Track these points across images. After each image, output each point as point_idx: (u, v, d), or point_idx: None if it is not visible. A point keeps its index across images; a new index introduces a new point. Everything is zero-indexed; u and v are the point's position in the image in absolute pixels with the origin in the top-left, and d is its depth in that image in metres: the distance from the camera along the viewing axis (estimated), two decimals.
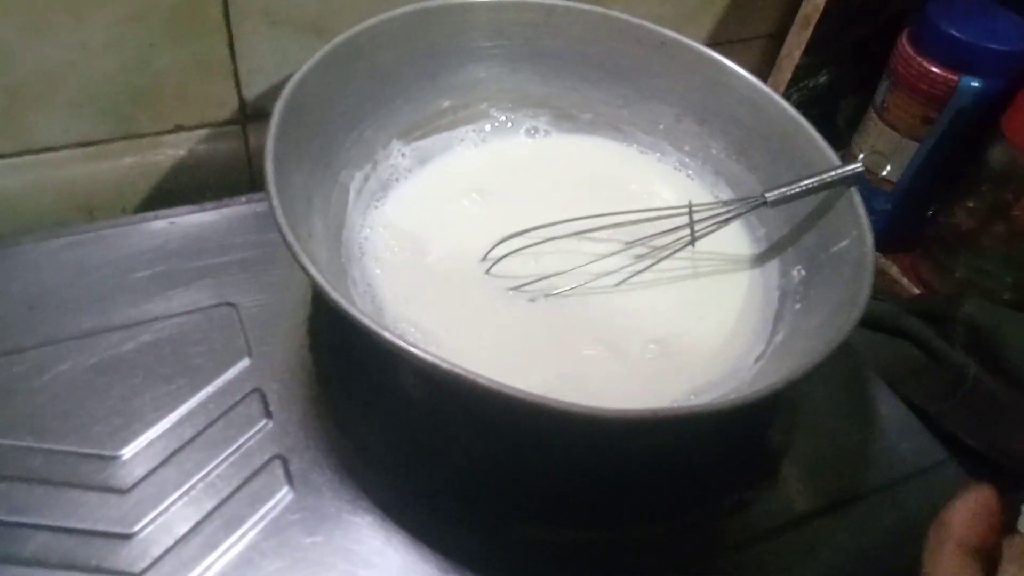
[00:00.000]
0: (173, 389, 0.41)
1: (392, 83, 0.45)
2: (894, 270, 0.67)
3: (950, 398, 0.54)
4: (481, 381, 0.29)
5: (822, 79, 0.69)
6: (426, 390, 0.40)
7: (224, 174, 0.52)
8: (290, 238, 0.32)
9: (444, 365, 0.29)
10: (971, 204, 0.64)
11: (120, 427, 0.39)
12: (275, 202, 0.33)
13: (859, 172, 0.40)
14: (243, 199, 0.50)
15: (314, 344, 0.44)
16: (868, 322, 0.57)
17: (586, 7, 0.48)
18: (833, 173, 0.41)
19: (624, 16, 0.48)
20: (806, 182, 0.41)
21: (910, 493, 0.42)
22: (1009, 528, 0.28)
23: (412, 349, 0.30)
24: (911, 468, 0.43)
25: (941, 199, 0.67)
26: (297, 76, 0.39)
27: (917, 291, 0.67)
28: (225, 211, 0.50)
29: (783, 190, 0.41)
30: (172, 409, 0.40)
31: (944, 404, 0.54)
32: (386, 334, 0.30)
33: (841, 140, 0.75)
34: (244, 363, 0.42)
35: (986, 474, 0.49)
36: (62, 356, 0.41)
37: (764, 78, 0.68)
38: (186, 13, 0.43)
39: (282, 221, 0.33)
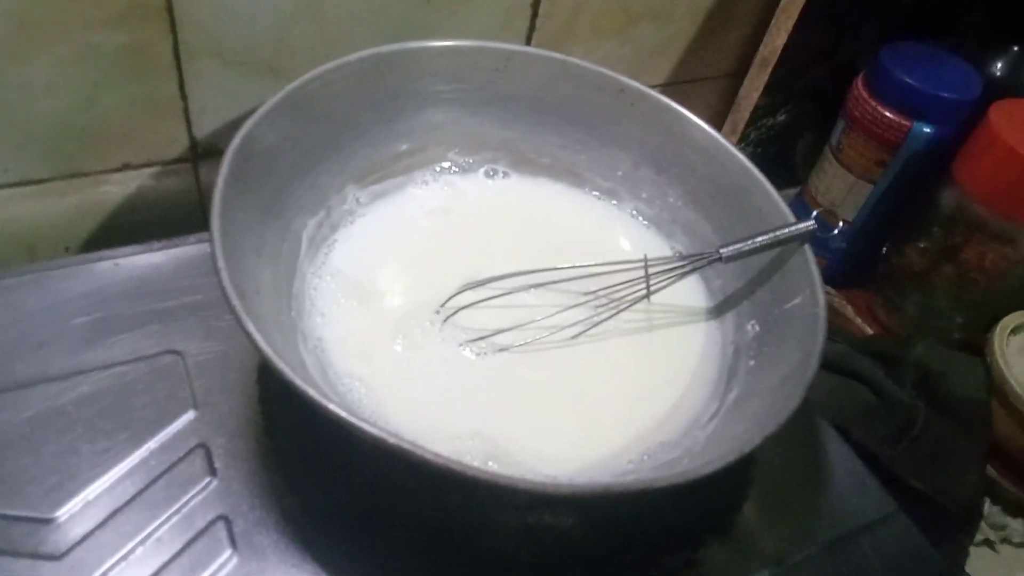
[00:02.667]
0: (113, 445, 0.39)
1: (347, 127, 0.44)
2: (849, 310, 0.68)
3: (900, 441, 0.55)
4: (407, 447, 0.28)
5: (780, 118, 0.70)
6: (373, 449, 0.40)
7: (174, 212, 0.50)
8: (235, 302, 0.31)
9: (371, 430, 0.29)
10: (922, 245, 0.66)
11: (55, 487, 0.37)
12: (220, 263, 0.33)
13: (812, 230, 0.41)
14: (192, 239, 0.49)
15: (263, 395, 0.42)
16: (821, 363, 0.58)
17: (545, 53, 0.48)
18: (787, 231, 0.41)
19: (583, 63, 0.48)
20: (760, 239, 0.41)
21: (860, 547, 0.42)
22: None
23: (341, 414, 0.29)
24: (861, 521, 0.43)
25: (893, 238, 0.69)
26: (248, 125, 0.38)
27: (871, 331, 0.68)
28: (173, 251, 0.48)
29: (738, 246, 0.41)
30: (111, 466, 0.38)
31: (894, 448, 0.54)
32: (317, 398, 0.29)
33: (797, 177, 0.76)
34: (189, 416, 0.41)
35: (931, 518, 0.50)
36: None
37: (723, 117, 0.69)
38: (133, 54, 0.42)
39: (227, 285, 0.32)
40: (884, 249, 0.70)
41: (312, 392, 0.29)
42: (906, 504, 0.46)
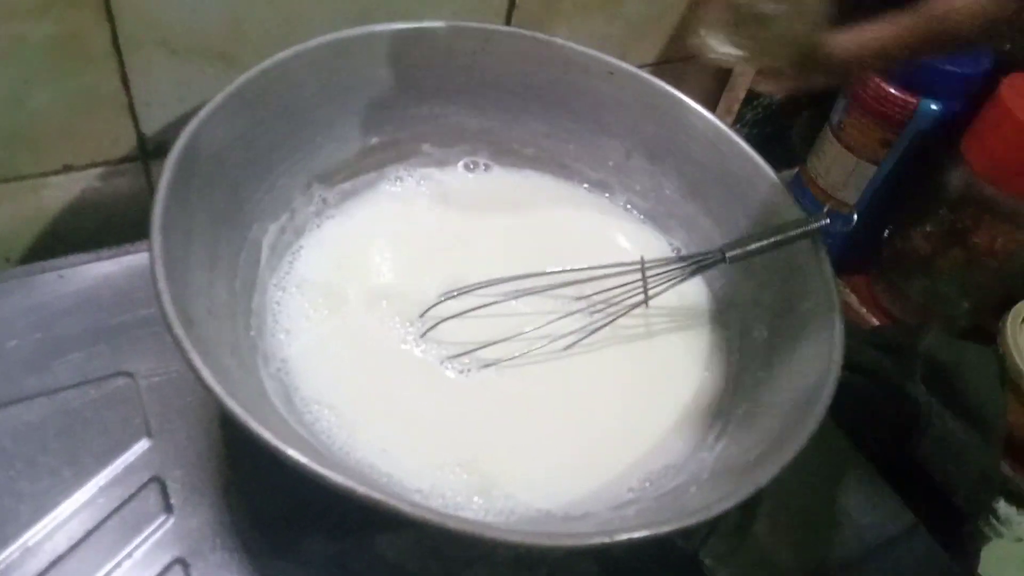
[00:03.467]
0: (57, 482, 0.35)
1: (309, 122, 0.40)
2: (853, 299, 0.65)
3: (910, 437, 0.52)
4: (378, 498, 0.25)
5: (775, 97, 0.66)
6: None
7: (123, 217, 0.46)
8: (178, 331, 0.27)
9: (336, 480, 0.25)
10: (928, 228, 0.62)
11: None
12: (161, 284, 0.29)
13: (825, 226, 0.37)
14: (145, 245, 0.44)
15: (225, 419, 0.39)
16: None
17: (528, 33, 0.44)
18: (798, 230, 0.37)
19: (569, 44, 0.44)
20: (768, 239, 0.37)
21: (878, 566, 0.39)
22: None
23: (301, 460, 0.25)
24: (879, 536, 0.40)
25: (897, 222, 0.65)
26: (193, 124, 0.34)
27: (875, 321, 0.65)
28: (124, 259, 0.44)
29: (743, 247, 0.37)
30: (55, 506, 0.35)
31: (904, 442, 0.52)
32: (275, 442, 0.25)
33: (795, 157, 0.73)
34: (142, 445, 0.37)
35: (940, 509, 0.47)
36: None
37: (716, 97, 0.65)
38: (65, 45, 0.37)
39: (169, 310, 0.28)
40: (887, 232, 0.67)
41: (268, 435, 0.25)
42: (916, 503, 0.43)
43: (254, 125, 0.37)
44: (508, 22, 0.50)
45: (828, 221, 0.37)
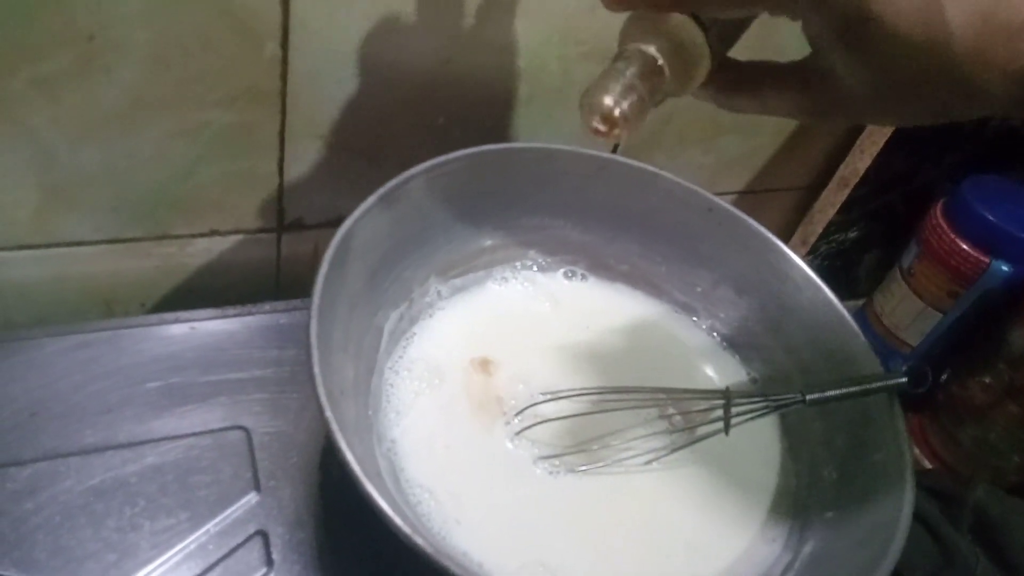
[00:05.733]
0: (173, 524, 0.39)
1: (437, 222, 0.44)
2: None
3: None
4: None
5: (851, 235, 0.70)
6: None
7: (251, 279, 0.50)
8: (328, 414, 0.31)
9: (442, 561, 0.28)
10: (987, 380, 0.64)
11: (113, 564, 0.37)
12: (316, 369, 0.32)
13: (902, 384, 0.40)
14: (267, 307, 0.49)
15: (324, 482, 0.42)
16: None
17: (638, 164, 0.48)
18: (878, 384, 0.40)
19: (674, 178, 0.48)
20: (848, 389, 0.40)
21: None
22: None
23: (429, 551, 0.28)
24: None
25: (956, 368, 0.67)
26: (347, 223, 0.38)
27: (928, 463, 0.66)
28: (248, 319, 0.48)
29: (823, 393, 0.40)
30: (170, 547, 0.38)
31: None
32: (409, 532, 0.29)
33: (859, 290, 0.76)
34: (251, 498, 0.41)
35: None
36: (60, 474, 0.39)
37: (793, 227, 0.69)
38: (240, 132, 0.43)
39: (322, 394, 0.31)
40: (944, 377, 0.69)
41: (405, 527, 0.28)
42: None
43: (393, 222, 0.41)
44: (615, 148, 0.54)
45: (906, 379, 0.40)
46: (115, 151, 0.41)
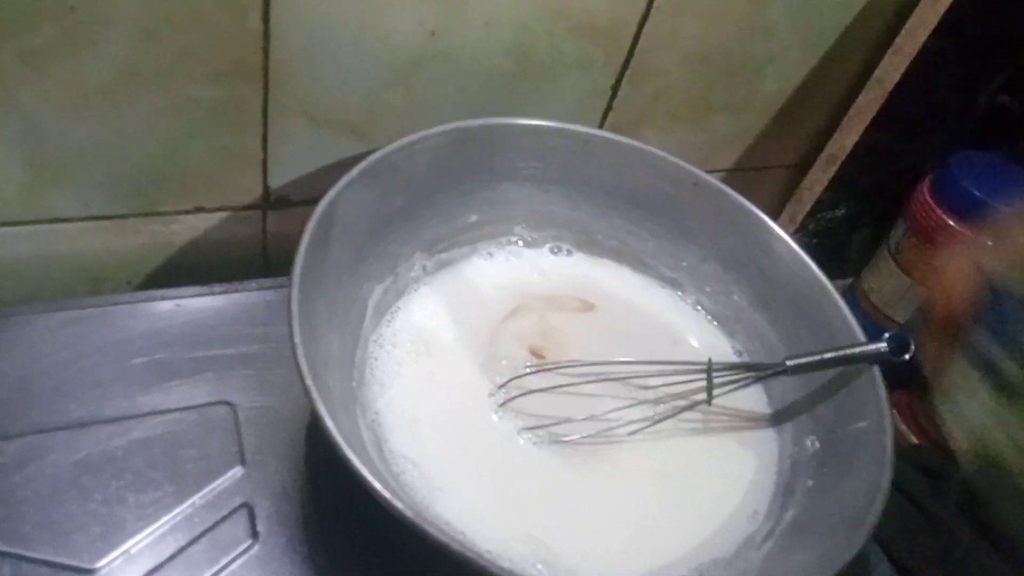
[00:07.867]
0: (159, 497, 0.39)
1: (424, 197, 0.45)
2: (895, 416, 0.67)
3: (941, 563, 0.54)
4: (472, 557, 0.28)
5: (839, 212, 0.70)
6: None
7: (238, 256, 0.50)
8: (308, 382, 0.31)
9: (442, 539, 0.28)
10: None
11: (99, 536, 0.37)
12: (297, 338, 0.32)
13: (883, 352, 0.40)
14: (253, 284, 0.49)
15: (310, 456, 0.42)
16: None
17: (623, 140, 0.48)
18: (858, 350, 0.40)
19: (660, 153, 0.48)
20: (829, 355, 0.40)
21: None
22: None
23: (414, 520, 0.29)
24: None
25: None
26: (331, 192, 0.38)
27: (915, 439, 0.67)
28: (234, 296, 0.48)
29: (805, 359, 0.40)
30: (155, 519, 0.38)
31: (935, 569, 0.53)
32: (393, 501, 0.29)
33: (849, 269, 0.76)
34: (236, 472, 0.41)
35: None
36: (47, 448, 0.39)
37: (782, 205, 0.69)
38: (226, 107, 0.42)
39: (303, 364, 0.32)
40: None
41: (384, 491, 0.28)
42: None
43: (378, 196, 0.42)
44: (603, 124, 0.54)
45: (886, 347, 0.40)
46: (103, 127, 0.41)
